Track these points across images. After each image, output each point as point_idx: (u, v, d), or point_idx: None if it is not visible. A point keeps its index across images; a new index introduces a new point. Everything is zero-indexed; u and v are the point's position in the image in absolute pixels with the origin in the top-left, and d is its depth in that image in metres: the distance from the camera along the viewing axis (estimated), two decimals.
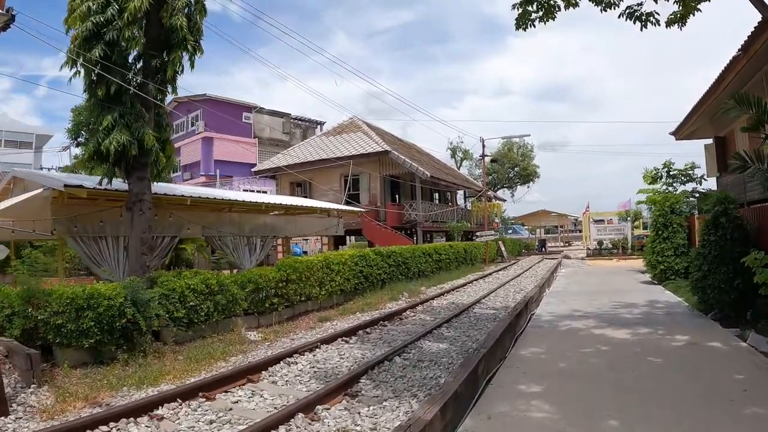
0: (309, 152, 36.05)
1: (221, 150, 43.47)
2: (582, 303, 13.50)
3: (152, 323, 9.46)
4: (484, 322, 11.59)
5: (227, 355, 9.49)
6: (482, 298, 15.66)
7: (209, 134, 44.52)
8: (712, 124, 18.80)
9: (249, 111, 48.22)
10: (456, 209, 39.69)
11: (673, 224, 17.40)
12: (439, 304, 15.04)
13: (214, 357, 9.20)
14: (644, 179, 25.41)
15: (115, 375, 8.02)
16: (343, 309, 14.84)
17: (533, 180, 65.56)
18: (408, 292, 17.29)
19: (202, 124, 45.28)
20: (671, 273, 17.01)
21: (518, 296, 15.89)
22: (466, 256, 28.60)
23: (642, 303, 13.17)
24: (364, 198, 32.90)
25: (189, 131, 47.17)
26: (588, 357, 7.84)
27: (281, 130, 51.45)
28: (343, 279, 16.03)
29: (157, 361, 8.91)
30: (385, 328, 11.42)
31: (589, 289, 16.69)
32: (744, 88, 15.27)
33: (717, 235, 10.69)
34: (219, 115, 41.19)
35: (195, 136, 45.62)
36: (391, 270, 19.02)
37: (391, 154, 30.90)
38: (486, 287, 19.04)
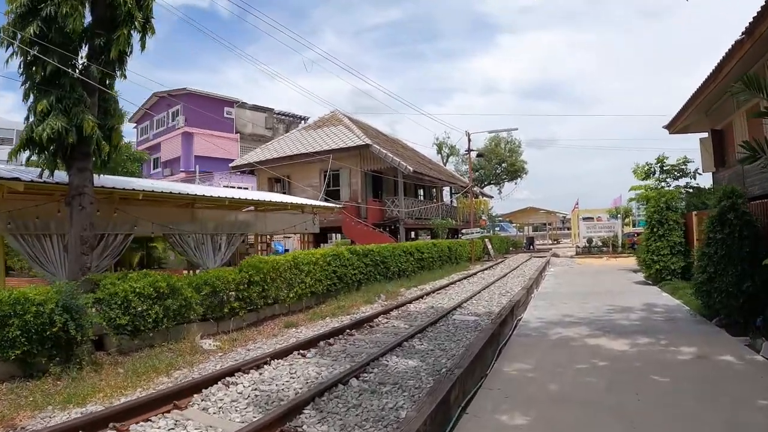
0: (288, 146, 34.79)
1: (202, 145, 42.92)
2: (573, 306, 12.46)
3: (87, 332, 8.39)
4: (464, 331, 10.44)
5: (173, 368, 8.46)
6: (464, 302, 14.53)
7: (189, 129, 44.18)
8: (708, 117, 18.26)
9: (231, 106, 48.09)
10: (441, 206, 38.55)
11: (669, 221, 16.44)
12: (417, 309, 13.89)
13: (157, 370, 8.23)
14: (636, 175, 24.47)
15: (44, 391, 7.13)
16: (313, 313, 13.73)
17: (521, 176, 64.57)
18: (385, 294, 16.18)
19: (182, 119, 45.00)
20: (667, 273, 16.09)
21: (504, 299, 14.78)
22: (451, 255, 27.47)
23: (638, 307, 12.13)
24: (345, 194, 31.72)
25: (169, 126, 46.95)
26: (583, 375, 6.75)
27: (264, 125, 50.68)
28: (313, 280, 14.89)
29: (93, 375, 7.97)
30: (351, 338, 10.22)
31: (581, 290, 15.68)
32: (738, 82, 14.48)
33: (724, 233, 9.65)
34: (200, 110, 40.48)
35: (175, 131, 45.46)
36: (368, 270, 17.88)
37: (372, 147, 29.73)
38: (470, 289, 17.92)
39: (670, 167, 23.48)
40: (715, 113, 17.87)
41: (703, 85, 15.14)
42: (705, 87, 15.14)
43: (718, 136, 18.18)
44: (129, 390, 7.25)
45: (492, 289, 17.46)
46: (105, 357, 8.86)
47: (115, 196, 12.91)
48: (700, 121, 19.07)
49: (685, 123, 19.42)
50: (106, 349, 9.12)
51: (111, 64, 10.69)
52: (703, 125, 19.22)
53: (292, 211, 21.12)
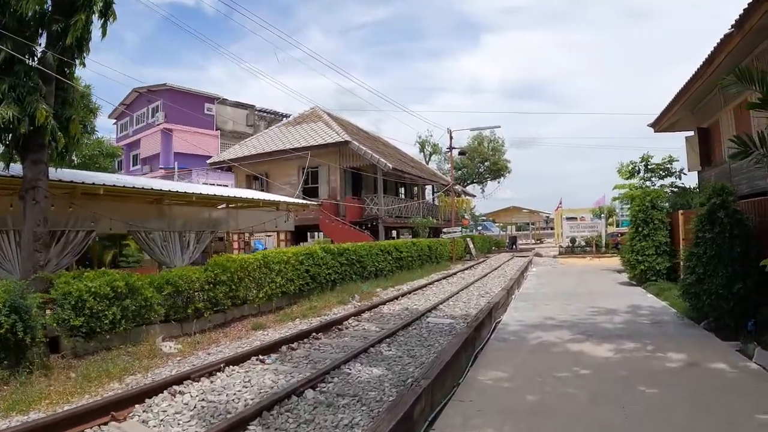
0: (267, 143, 34.08)
1: (181, 142, 41.73)
2: (555, 308, 11.95)
3: (37, 334, 7.81)
4: (437, 335, 9.86)
5: (127, 372, 7.92)
6: (441, 303, 13.97)
7: (169, 126, 43.40)
8: (694, 114, 17.98)
9: (211, 102, 47.44)
10: (422, 204, 37.92)
11: (655, 220, 16.02)
12: (391, 311, 13.28)
13: (110, 375, 7.70)
14: (620, 174, 24.14)
15: None
16: (284, 314, 13.14)
17: (504, 175, 64.21)
18: (360, 295, 15.59)
19: (161, 115, 44.32)
20: (652, 273, 15.65)
21: (482, 301, 14.22)
22: (431, 254, 26.87)
23: (623, 309, 11.64)
24: (323, 191, 31.07)
25: (149, 123, 46.20)
26: (564, 385, 6.19)
27: (245, 122, 50.07)
28: (284, 280, 14.27)
29: (43, 380, 7.48)
30: (316, 343, 9.57)
31: (563, 291, 15.20)
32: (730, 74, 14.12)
33: (714, 232, 9.17)
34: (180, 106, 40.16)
35: (154, 127, 44.77)
36: (343, 269, 17.26)
37: (351, 144, 29.10)
38: (448, 289, 17.37)
39: (655, 166, 23.17)
40: (702, 111, 17.57)
41: (691, 80, 14.77)
42: (692, 83, 14.77)
43: (705, 134, 17.84)
44: (76, 396, 6.82)
45: (471, 290, 16.92)
46: (59, 360, 8.37)
47: (77, 190, 12.21)
48: (686, 119, 18.78)
49: (671, 121, 19.10)
50: (60, 352, 8.62)
51: (69, 51, 10.06)
52: (689, 123, 18.93)
53: (266, 209, 20.45)
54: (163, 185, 16.13)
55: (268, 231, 22.93)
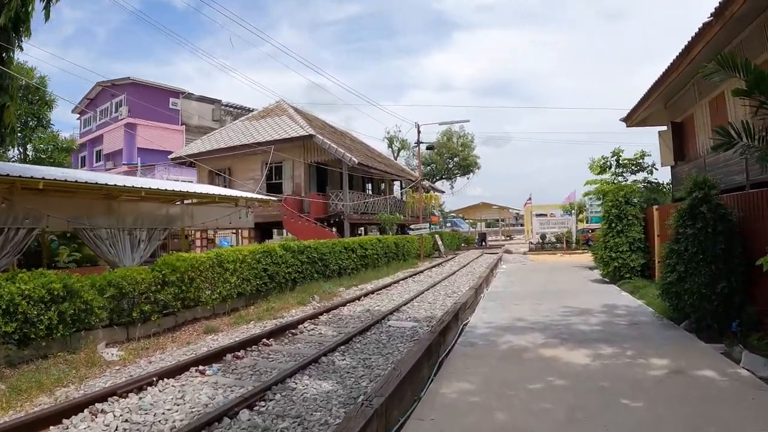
0: (230, 137, 32.96)
1: (145, 137, 41.15)
2: (526, 309, 11.34)
3: None
4: (398, 341, 9.12)
5: (60, 384, 7.20)
6: (405, 304, 13.26)
7: (132, 120, 42.70)
8: (668, 109, 17.83)
9: (176, 96, 46.91)
10: (389, 200, 37.16)
11: (628, 216, 15.59)
12: (351, 312, 12.51)
13: (42, 387, 6.98)
14: (591, 169, 23.65)
15: None
16: (238, 316, 12.37)
17: (473, 171, 63.95)
18: (321, 295, 14.82)
19: (125, 109, 43.74)
20: (626, 271, 15.24)
21: (449, 301, 13.54)
22: (398, 252, 26.15)
23: (598, 309, 11.08)
24: (287, 187, 30.14)
25: (112, 117, 45.30)
26: (537, 399, 5.52)
27: (211, 117, 49.27)
28: (240, 280, 13.43)
29: None
30: (266, 350, 8.74)
31: (534, 290, 14.64)
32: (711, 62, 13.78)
33: (695, 228, 8.60)
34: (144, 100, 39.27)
35: (118, 122, 43.96)
36: (304, 268, 16.44)
37: (316, 138, 28.20)
38: (414, 288, 16.69)
39: (627, 161, 22.76)
40: (676, 105, 17.35)
41: (666, 73, 14.41)
42: (667, 75, 14.42)
43: (678, 129, 17.54)
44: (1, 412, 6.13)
45: (438, 289, 16.25)
46: None
47: (17, 185, 11.37)
48: (659, 114, 18.60)
49: (644, 115, 18.85)
50: None
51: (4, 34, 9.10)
52: (662, 118, 18.72)
53: (223, 204, 19.53)
54: (110, 179, 15.15)
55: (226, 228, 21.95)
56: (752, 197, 8.68)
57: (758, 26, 10.98)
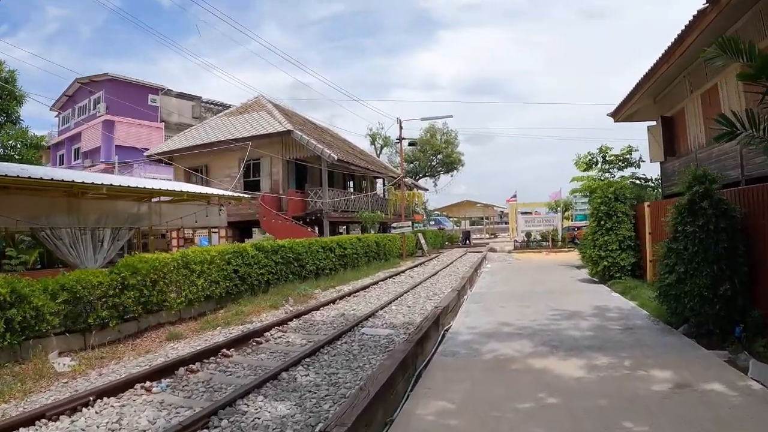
0: (207, 134, 32.05)
1: (124, 135, 41.55)
2: (512, 311, 10.67)
3: None
4: (370, 352, 8.35)
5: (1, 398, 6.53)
6: (383, 308, 12.51)
7: (110, 117, 42.32)
8: (657, 103, 17.52)
9: (156, 93, 46.33)
10: (371, 198, 36.36)
11: (618, 213, 15.00)
12: (324, 318, 11.75)
13: None
14: (577, 166, 23.12)
15: None
16: (206, 321, 11.60)
17: (457, 168, 63.49)
18: (296, 297, 14.08)
19: (103, 106, 43.10)
20: (616, 270, 14.66)
21: (430, 304, 12.79)
22: (379, 251, 25.41)
23: (589, 311, 10.44)
24: (265, 185, 29.31)
25: (90, 114, 44.76)
26: (527, 422, 4.82)
27: (191, 114, 48.57)
28: (208, 282, 12.66)
29: None
30: (225, 362, 7.96)
31: (520, 290, 14.00)
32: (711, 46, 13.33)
33: (696, 225, 7.97)
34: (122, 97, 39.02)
35: (96, 119, 43.33)
36: (278, 269, 15.65)
37: (294, 134, 27.41)
38: (393, 290, 15.95)
39: (614, 157, 22.26)
40: (665, 99, 16.99)
41: (656, 65, 13.97)
42: (658, 67, 13.99)
43: (668, 124, 17.12)
44: None
45: (418, 291, 15.51)
46: None
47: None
48: (648, 109, 18.23)
49: (632, 110, 18.48)
50: None
51: None
52: (651, 113, 18.38)
53: (196, 202, 18.72)
54: (69, 175, 14.29)
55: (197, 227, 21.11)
56: (756, 192, 8.07)
57: (755, 14, 10.60)
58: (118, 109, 40.65)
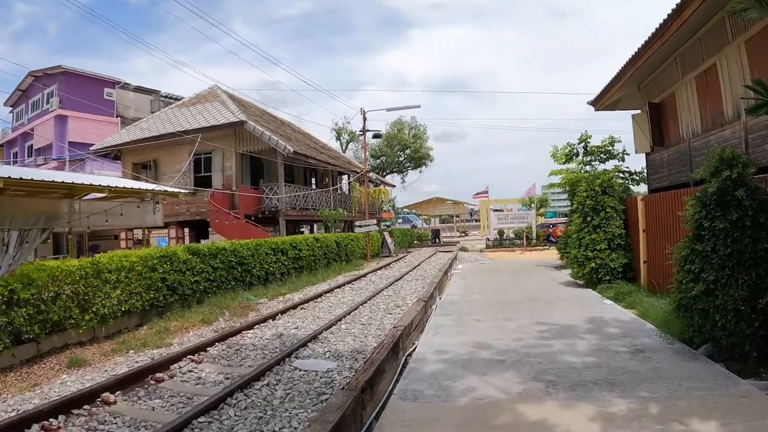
0: (157, 126, 29.70)
1: (78, 130, 39.55)
2: (490, 327, 8.91)
3: None
4: (296, 405, 6.08)
5: None
6: (331, 326, 10.44)
7: (63, 112, 40.48)
8: (642, 90, 16.63)
9: (112, 87, 44.35)
10: (334, 195, 34.29)
11: (606, 208, 13.40)
12: (256, 339, 9.64)
13: None
14: (555, 159, 21.40)
15: None
16: (122, 342, 9.70)
17: (426, 164, 61.86)
18: (235, 309, 12.13)
19: (56, 100, 41.04)
20: (605, 272, 13.07)
21: (389, 320, 10.76)
22: (340, 252, 23.42)
23: (583, 325, 8.73)
24: (217, 180, 27.07)
25: (44, 110, 42.95)
26: None
27: (149, 109, 46.67)
28: (127, 293, 10.67)
29: None
30: (101, 413, 5.86)
31: (497, 297, 12.28)
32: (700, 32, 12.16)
33: (728, 220, 6.24)
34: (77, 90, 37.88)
35: (48, 114, 41.62)
36: (218, 275, 13.64)
37: (247, 124, 25.26)
38: (349, 300, 13.95)
39: (595, 148, 20.64)
40: (652, 84, 15.84)
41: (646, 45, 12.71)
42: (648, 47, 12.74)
43: (656, 111, 15.78)
44: None
45: (378, 301, 13.47)
46: None
47: None
48: (632, 96, 17.08)
49: (615, 98, 17.20)
50: None
51: None
52: (635, 101, 17.25)
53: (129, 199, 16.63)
54: None
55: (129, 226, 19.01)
56: None
57: None
58: (73, 103, 38.88)
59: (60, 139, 39.81)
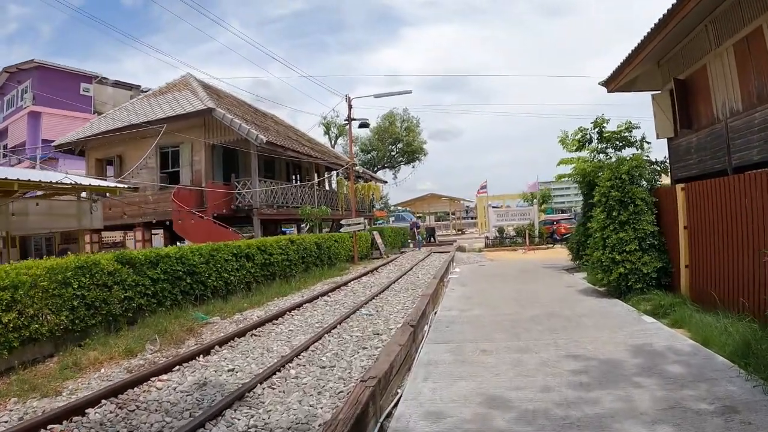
0: (122, 118, 27.17)
1: (52, 127, 37.81)
2: (503, 364, 6.58)
3: None
4: None
5: None
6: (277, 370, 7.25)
7: (36, 108, 38.94)
8: (662, 67, 15.01)
9: (89, 82, 42.67)
10: (319, 191, 31.75)
11: (636, 200, 11.13)
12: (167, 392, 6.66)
13: None
14: (565, 146, 18.88)
15: None
16: (11, 383, 7.32)
17: (419, 158, 59.63)
18: (170, 335, 9.59)
19: (29, 96, 39.41)
20: (636, 279, 10.79)
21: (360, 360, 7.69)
22: (321, 255, 20.83)
23: (630, 360, 6.42)
24: (186, 176, 24.64)
25: (18, 107, 41.39)
26: None
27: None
28: (26, 318, 8.22)
29: None
30: None
31: (506, 314, 9.96)
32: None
33: None
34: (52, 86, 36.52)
35: (21, 111, 40.19)
36: (159, 288, 11.09)
37: (216, 112, 22.83)
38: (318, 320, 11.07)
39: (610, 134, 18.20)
40: (675, 60, 14.08)
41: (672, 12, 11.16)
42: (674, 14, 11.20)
43: (682, 89, 13.70)
44: None
45: (353, 325, 10.46)
46: None
47: None
48: (650, 75, 15.45)
49: (631, 76, 15.32)
50: None
51: None
52: (653, 81, 15.62)
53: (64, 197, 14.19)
54: None
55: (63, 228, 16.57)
56: None
57: None
58: (47, 99, 37.12)
59: (33, 136, 38.88)
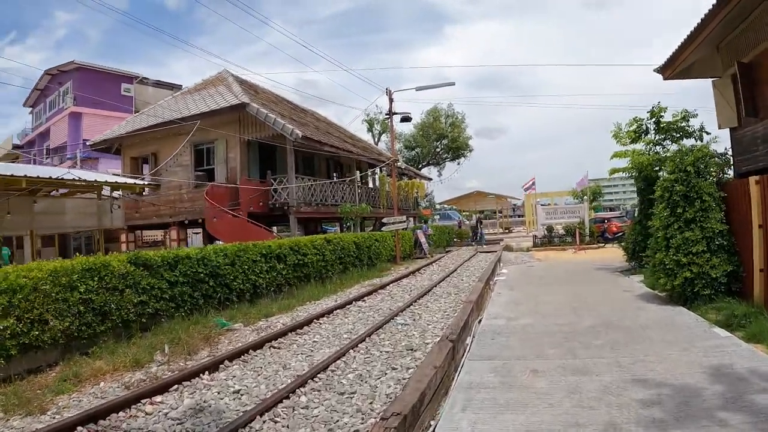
0: (157, 116, 26.78)
1: (93, 128, 37.76)
2: (558, 391, 5.61)
3: None
4: None
5: None
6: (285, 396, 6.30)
7: (77, 109, 39.67)
8: (721, 52, 13.50)
9: (129, 82, 43.45)
10: (361, 189, 30.71)
11: (703, 196, 9.92)
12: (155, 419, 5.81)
13: None
14: (618, 139, 17.58)
15: None
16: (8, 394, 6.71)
17: (464, 154, 58.25)
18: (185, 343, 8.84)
19: (70, 97, 40.22)
20: (704, 284, 9.57)
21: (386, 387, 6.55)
22: (361, 255, 20.00)
23: (709, 387, 5.39)
24: (221, 173, 23.96)
25: (59, 108, 42.29)
26: None
27: None
28: (25, 324, 7.58)
29: None
30: None
31: (559, 324, 8.91)
32: None
33: None
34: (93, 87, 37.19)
35: (63, 112, 40.88)
36: (177, 292, 10.37)
37: (250, 107, 22.12)
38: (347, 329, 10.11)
39: (666, 124, 16.84)
40: (738, 42, 12.64)
41: None
42: None
43: (748, 73, 12.30)
44: None
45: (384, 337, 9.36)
46: None
47: None
48: (708, 60, 14.03)
49: (688, 62, 14.01)
50: None
51: None
52: (711, 66, 14.21)
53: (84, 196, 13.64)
54: None
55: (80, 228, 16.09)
56: None
57: None
58: (88, 100, 37.63)
59: (74, 137, 39.38)
